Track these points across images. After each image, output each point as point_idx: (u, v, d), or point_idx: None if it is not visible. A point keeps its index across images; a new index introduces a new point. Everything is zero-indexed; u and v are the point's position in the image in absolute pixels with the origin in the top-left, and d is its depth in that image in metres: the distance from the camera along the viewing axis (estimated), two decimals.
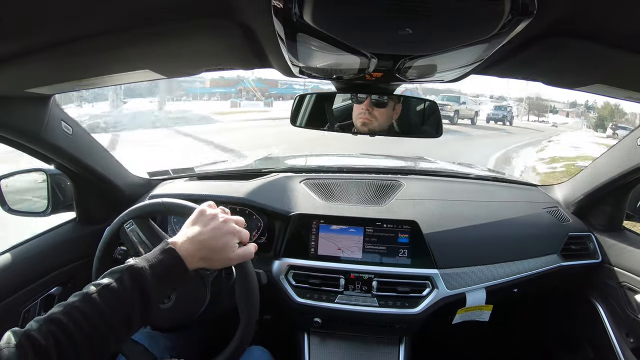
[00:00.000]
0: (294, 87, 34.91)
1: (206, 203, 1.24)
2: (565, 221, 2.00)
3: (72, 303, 0.91)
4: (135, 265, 1.00)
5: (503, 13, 0.74)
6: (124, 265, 1.00)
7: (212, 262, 1.13)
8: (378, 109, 1.74)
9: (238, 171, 2.42)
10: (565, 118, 54.07)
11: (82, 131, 1.66)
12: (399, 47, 1.02)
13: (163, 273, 1.02)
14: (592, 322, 1.95)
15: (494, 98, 68.47)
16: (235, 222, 1.20)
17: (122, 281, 0.96)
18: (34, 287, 1.63)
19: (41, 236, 1.76)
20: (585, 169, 2.00)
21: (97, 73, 1.20)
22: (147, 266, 1.01)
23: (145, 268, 1.00)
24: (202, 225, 1.14)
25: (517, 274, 1.82)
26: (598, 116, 66.65)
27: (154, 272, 1.00)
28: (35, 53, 0.94)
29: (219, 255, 1.13)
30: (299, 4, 0.75)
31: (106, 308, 0.92)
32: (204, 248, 1.10)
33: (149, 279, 0.99)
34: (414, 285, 1.75)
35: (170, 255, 1.05)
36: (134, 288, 0.96)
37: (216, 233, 1.13)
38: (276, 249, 1.86)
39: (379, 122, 1.76)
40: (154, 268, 1.01)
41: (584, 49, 0.96)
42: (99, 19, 0.85)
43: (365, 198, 2.03)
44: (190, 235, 1.11)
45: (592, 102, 73.36)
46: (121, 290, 0.95)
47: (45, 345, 0.83)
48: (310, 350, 1.82)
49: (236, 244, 1.17)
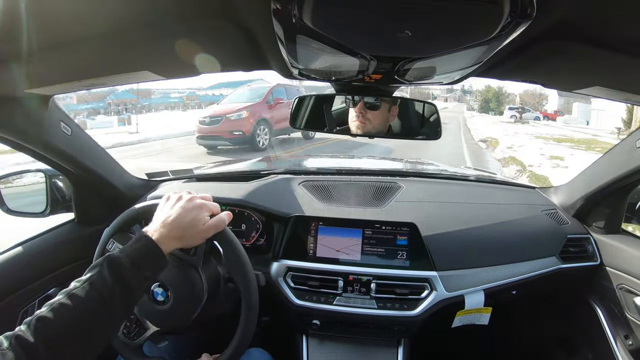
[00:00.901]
0: (171, 96, 33.18)
1: (171, 190, 1.28)
2: (564, 223, 2.00)
3: (58, 300, 0.95)
4: (112, 256, 1.04)
5: (502, 16, 0.74)
6: (102, 258, 1.04)
7: (186, 239, 1.19)
8: (371, 111, 1.75)
9: (237, 172, 2.42)
10: (444, 103, 54.58)
11: (81, 132, 1.66)
12: (398, 49, 1.03)
13: (139, 259, 1.06)
14: (591, 325, 1.95)
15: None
16: (201, 198, 1.25)
17: (102, 273, 1.00)
18: (32, 288, 1.63)
19: (39, 237, 1.76)
20: (584, 171, 2.00)
21: (96, 74, 1.20)
22: (124, 255, 1.05)
23: (121, 257, 1.04)
24: (169, 208, 1.20)
25: (515, 276, 1.81)
26: (483, 99, 67.55)
27: (131, 259, 1.04)
28: (35, 54, 0.94)
29: (191, 230, 1.18)
30: (299, 6, 0.76)
31: (89, 301, 0.96)
32: (175, 228, 1.14)
33: (126, 267, 1.03)
34: (413, 288, 1.75)
35: (144, 241, 1.09)
36: (113, 278, 1.00)
37: (183, 210, 1.18)
38: (275, 251, 1.86)
39: (373, 125, 1.77)
40: (130, 256, 1.05)
41: (583, 52, 0.96)
42: (99, 20, 0.85)
43: (364, 200, 2.03)
44: (161, 220, 1.16)
45: (468, 87, 74.34)
46: (101, 282, 0.99)
47: (34, 342, 0.86)
48: (309, 352, 1.82)
49: (206, 217, 1.22)
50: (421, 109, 1.86)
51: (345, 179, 2.21)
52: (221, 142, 13.63)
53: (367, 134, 1.78)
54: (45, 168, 1.79)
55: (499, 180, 2.50)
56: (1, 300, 1.52)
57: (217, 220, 1.24)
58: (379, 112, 1.76)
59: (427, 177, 2.45)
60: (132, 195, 1.98)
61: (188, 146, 15.03)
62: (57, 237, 1.82)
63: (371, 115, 1.75)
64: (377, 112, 1.76)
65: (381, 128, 1.79)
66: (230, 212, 1.30)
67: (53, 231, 1.83)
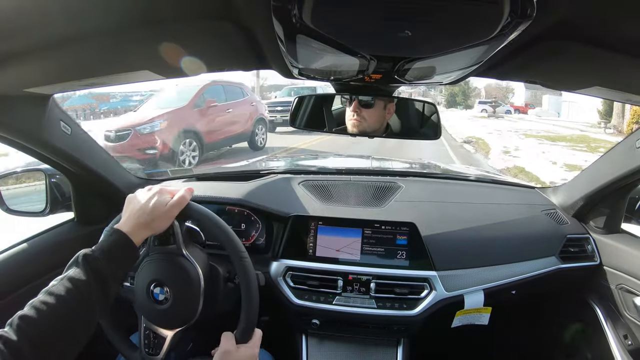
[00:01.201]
0: (132, 99, 31.88)
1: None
2: (564, 223, 2.00)
3: (39, 298, 1.00)
4: (86, 251, 1.09)
5: (502, 16, 0.74)
6: (77, 254, 1.09)
7: (154, 223, 1.22)
8: (366, 109, 1.76)
9: (237, 172, 2.43)
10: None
11: (81, 131, 1.66)
12: (398, 49, 1.03)
13: (111, 250, 1.12)
14: (590, 324, 1.95)
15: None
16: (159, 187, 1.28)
17: (78, 269, 1.06)
18: (32, 288, 1.62)
19: (39, 236, 1.76)
20: (583, 171, 2.00)
21: (96, 73, 1.20)
22: (97, 249, 1.11)
23: (95, 252, 1.10)
24: (131, 203, 1.25)
25: (515, 276, 1.82)
26: (449, 93, 67.34)
27: (104, 253, 1.10)
28: (34, 52, 0.94)
29: (155, 213, 1.21)
30: (299, 6, 0.76)
31: (68, 296, 1.00)
32: (140, 216, 1.19)
33: (99, 259, 1.08)
34: (412, 287, 1.75)
35: (114, 235, 1.15)
36: (88, 271, 1.05)
37: (143, 199, 1.23)
38: (274, 250, 1.86)
39: (369, 123, 1.77)
40: (103, 250, 1.11)
41: (583, 52, 0.96)
42: (98, 19, 0.85)
43: (364, 200, 2.03)
44: (127, 214, 1.22)
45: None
46: (77, 276, 1.04)
47: (17, 341, 0.89)
48: (309, 352, 1.82)
49: (167, 198, 1.25)
50: (420, 108, 1.86)
51: (345, 178, 2.21)
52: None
53: (363, 133, 1.78)
54: (44, 167, 1.79)
55: (499, 180, 2.50)
56: (0, 299, 1.52)
57: (178, 197, 1.26)
58: (374, 109, 1.76)
59: (427, 177, 2.46)
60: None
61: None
62: (57, 237, 1.82)
63: (366, 114, 1.76)
64: (372, 110, 1.76)
65: (377, 126, 1.79)
66: (191, 187, 1.31)
67: (53, 230, 1.83)
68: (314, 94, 1.89)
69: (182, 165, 10.05)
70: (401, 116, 1.83)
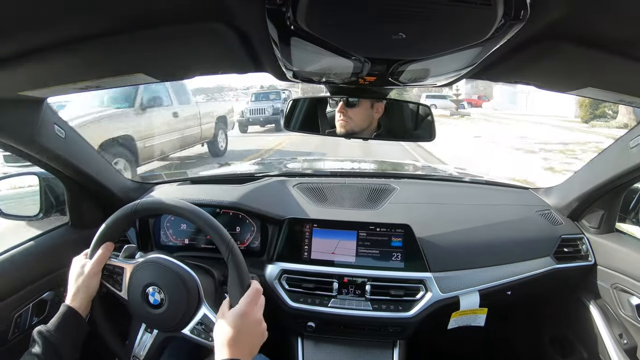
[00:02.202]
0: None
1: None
2: (558, 224, 2.01)
3: None
4: (40, 328, 1.22)
5: (495, 18, 0.74)
6: (34, 332, 1.21)
7: (85, 289, 1.33)
8: (351, 109, 1.76)
9: (231, 175, 2.43)
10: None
11: (75, 135, 1.65)
12: (392, 51, 1.03)
13: (62, 324, 1.24)
14: (586, 324, 1.96)
15: (264, 88, 70.36)
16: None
17: (34, 344, 1.19)
18: (26, 292, 1.62)
19: (33, 240, 1.75)
20: (578, 171, 2.01)
21: (90, 76, 1.20)
22: (49, 324, 1.23)
23: (47, 326, 1.23)
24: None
25: (510, 277, 1.82)
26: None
27: (56, 326, 1.23)
28: (28, 56, 0.94)
29: (79, 281, 1.33)
30: (293, 8, 0.76)
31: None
32: (72, 287, 1.33)
33: (52, 332, 1.21)
34: (408, 289, 1.75)
35: (63, 310, 1.27)
36: (44, 345, 1.18)
37: (71, 270, 1.37)
38: (269, 253, 1.86)
39: (355, 122, 1.77)
40: (53, 324, 1.23)
41: (577, 53, 0.96)
42: (93, 22, 0.84)
43: (359, 202, 2.04)
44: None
45: None
46: (36, 351, 1.17)
47: None
48: (305, 355, 1.82)
49: (83, 261, 1.39)
50: (415, 110, 1.86)
51: (340, 181, 2.22)
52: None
53: (352, 133, 1.78)
54: (39, 171, 1.78)
55: (493, 181, 2.51)
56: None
57: (95, 257, 1.38)
58: (360, 109, 1.76)
59: (422, 179, 2.46)
60: (126, 198, 1.97)
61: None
62: (51, 241, 1.81)
63: (352, 113, 1.76)
64: (358, 109, 1.76)
65: (364, 125, 1.79)
66: (110, 244, 1.42)
67: (47, 234, 1.82)
68: (308, 96, 1.89)
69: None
70: (395, 117, 1.83)
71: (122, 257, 1.41)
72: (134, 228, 1.92)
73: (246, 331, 1.15)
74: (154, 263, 1.36)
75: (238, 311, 1.16)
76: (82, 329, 1.29)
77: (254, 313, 1.18)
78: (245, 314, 1.16)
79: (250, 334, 1.16)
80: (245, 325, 1.15)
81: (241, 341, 1.13)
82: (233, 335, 1.12)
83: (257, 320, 1.19)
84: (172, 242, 1.93)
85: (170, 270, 1.33)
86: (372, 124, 1.80)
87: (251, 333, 1.16)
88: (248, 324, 1.15)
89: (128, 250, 1.43)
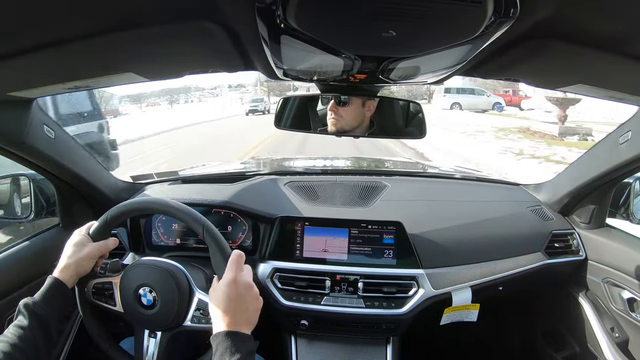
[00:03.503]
0: None
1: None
2: (549, 219, 2.02)
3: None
4: (26, 300, 1.21)
5: (486, 15, 0.75)
6: (20, 303, 1.20)
7: (79, 268, 1.32)
8: (342, 107, 1.77)
9: (222, 174, 2.42)
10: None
11: (65, 135, 1.64)
12: (382, 49, 1.03)
13: (48, 295, 1.24)
14: (578, 318, 1.97)
15: (232, 87, 69.27)
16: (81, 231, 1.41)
17: (20, 315, 1.18)
18: (18, 295, 1.61)
19: (24, 242, 1.74)
20: (568, 167, 2.02)
21: (80, 76, 1.19)
22: (36, 296, 1.23)
23: (34, 298, 1.22)
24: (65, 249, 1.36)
25: (502, 273, 1.83)
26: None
27: (42, 297, 1.22)
28: (17, 56, 0.93)
29: (73, 258, 1.31)
30: (283, 6, 0.76)
31: (17, 341, 1.12)
32: (64, 260, 1.31)
33: (38, 304, 1.20)
34: (400, 286, 1.76)
35: (49, 281, 1.27)
36: (30, 316, 1.17)
37: (67, 246, 1.35)
38: (261, 252, 1.86)
39: (346, 121, 1.79)
40: (40, 295, 1.23)
41: (567, 50, 0.97)
42: (82, 22, 0.84)
43: (350, 199, 2.04)
44: (60, 260, 1.33)
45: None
46: (22, 322, 1.16)
47: None
48: (298, 353, 1.82)
49: (84, 240, 1.36)
50: (406, 108, 1.87)
51: (331, 178, 2.22)
52: None
53: (342, 131, 1.79)
54: (29, 172, 1.77)
55: (484, 177, 2.51)
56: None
57: (98, 244, 1.36)
58: (351, 107, 1.78)
59: (413, 176, 2.47)
60: (117, 199, 1.96)
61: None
62: (42, 243, 1.80)
63: (343, 112, 1.78)
64: (349, 107, 1.78)
65: (355, 123, 1.80)
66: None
67: (38, 236, 1.81)
68: (299, 94, 1.89)
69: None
70: (386, 115, 1.84)
71: (109, 272, 1.41)
72: (125, 229, 1.92)
73: (238, 298, 1.12)
74: (139, 265, 1.37)
75: (225, 280, 1.14)
76: (68, 300, 1.30)
77: (242, 278, 1.16)
78: (232, 281, 1.13)
79: (244, 300, 1.13)
80: (236, 292, 1.12)
81: (236, 310, 1.11)
82: (226, 306, 1.10)
83: (247, 284, 1.16)
84: (163, 242, 1.92)
85: (156, 268, 1.34)
86: (364, 122, 1.81)
87: (244, 299, 1.13)
88: (238, 290, 1.13)
89: (113, 266, 1.42)
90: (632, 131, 1.53)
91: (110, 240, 1.38)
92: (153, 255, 1.63)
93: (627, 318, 1.77)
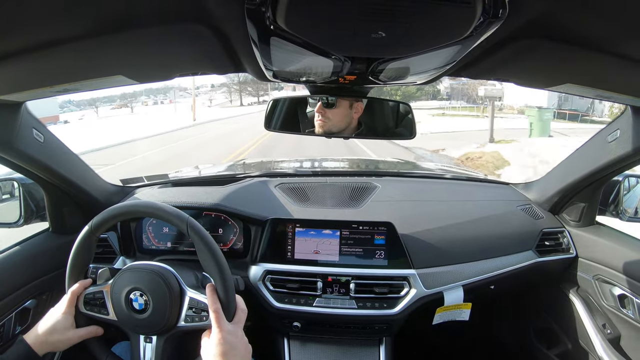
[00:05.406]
0: None
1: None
2: (539, 218, 2.03)
3: None
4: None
5: (475, 16, 0.75)
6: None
7: (56, 343, 1.31)
8: (330, 109, 1.78)
9: (213, 177, 2.41)
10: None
11: (55, 139, 1.63)
12: (371, 50, 1.03)
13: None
14: (569, 315, 1.98)
15: (215, 86, 69.39)
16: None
17: None
18: (8, 301, 1.59)
19: (14, 248, 1.72)
20: (557, 166, 2.03)
21: (69, 79, 1.18)
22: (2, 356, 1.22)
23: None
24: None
25: (493, 271, 1.84)
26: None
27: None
28: (5, 59, 0.92)
29: (54, 337, 1.30)
30: (273, 8, 0.76)
31: None
32: (43, 334, 1.29)
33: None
34: (392, 286, 1.76)
35: (18, 344, 1.26)
36: None
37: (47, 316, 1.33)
38: (253, 255, 1.86)
39: (334, 122, 1.80)
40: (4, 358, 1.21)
41: (555, 50, 0.98)
42: (70, 25, 0.84)
43: (341, 201, 2.04)
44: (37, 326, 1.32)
45: None
46: None
47: None
48: (291, 355, 1.82)
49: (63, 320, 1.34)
50: (395, 108, 1.87)
51: (322, 180, 2.22)
52: None
53: (330, 132, 1.80)
54: (18, 176, 1.76)
55: (474, 177, 2.53)
56: None
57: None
58: (338, 109, 1.78)
59: (403, 176, 2.47)
60: (107, 203, 1.95)
61: None
62: (32, 248, 1.79)
63: (330, 114, 1.78)
64: (336, 109, 1.78)
65: (343, 125, 1.80)
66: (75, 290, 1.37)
67: (28, 241, 1.80)
68: (288, 96, 1.89)
69: None
70: (375, 116, 1.84)
71: (99, 282, 1.40)
72: (115, 233, 1.91)
73: (229, 352, 1.17)
74: (128, 270, 1.35)
75: (214, 339, 1.18)
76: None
77: (228, 333, 1.20)
78: (221, 338, 1.18)
79: (236, 351, 1.18)
80: (226, 348, 1.17)
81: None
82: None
83: (234, 334, 1.21)
84: (154, 245, 1.92)
85: (145, 271, 1.33)
86: (352, 123, 1.81)
87: (236, 349, 1.18)
88: (228, 344, 1.17)
89: (103, 275, 1.42)
90: (620, 130, 1.54)
91: (92, 327, 1.37)
92: (144, 259, 1.62)
93: (618, 314, 1.78)
